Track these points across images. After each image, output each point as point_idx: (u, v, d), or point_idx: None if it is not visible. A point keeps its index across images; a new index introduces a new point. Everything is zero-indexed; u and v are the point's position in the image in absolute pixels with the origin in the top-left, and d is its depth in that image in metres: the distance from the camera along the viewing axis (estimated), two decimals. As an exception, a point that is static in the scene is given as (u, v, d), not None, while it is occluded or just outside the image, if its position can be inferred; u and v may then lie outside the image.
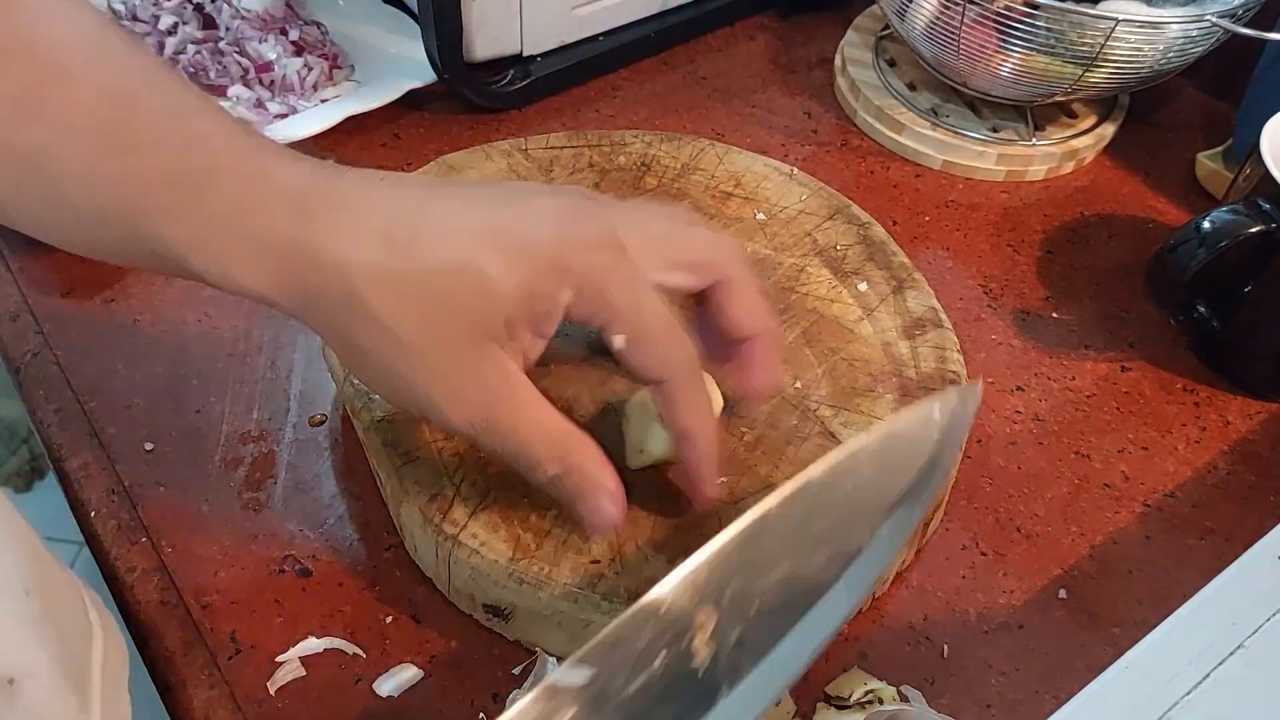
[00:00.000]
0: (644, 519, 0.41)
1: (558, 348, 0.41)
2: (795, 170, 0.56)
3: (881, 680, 0.41)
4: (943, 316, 0.50)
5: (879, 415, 0.45)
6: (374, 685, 0.40)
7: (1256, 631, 0.35)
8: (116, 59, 0.34)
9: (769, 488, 0.42)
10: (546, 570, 0.39)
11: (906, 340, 0.49)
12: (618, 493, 0.37)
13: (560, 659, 0.41)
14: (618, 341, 0.36)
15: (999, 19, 0.57)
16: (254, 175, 0.33)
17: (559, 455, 0.36)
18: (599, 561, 0.39)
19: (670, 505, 0.42)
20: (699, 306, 0.40)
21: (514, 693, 0.40)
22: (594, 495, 0.36)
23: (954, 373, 0.47)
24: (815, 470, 0.36)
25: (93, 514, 0.45)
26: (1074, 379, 0.54)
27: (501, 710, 0.40)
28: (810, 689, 0.41)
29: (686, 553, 0.40)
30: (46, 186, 0.33)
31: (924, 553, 0.46)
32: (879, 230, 0.53)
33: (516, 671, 0.41)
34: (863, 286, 0.51)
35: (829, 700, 0.41)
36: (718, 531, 0.41)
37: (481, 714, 0.40)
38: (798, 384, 0.46)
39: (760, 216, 0.53)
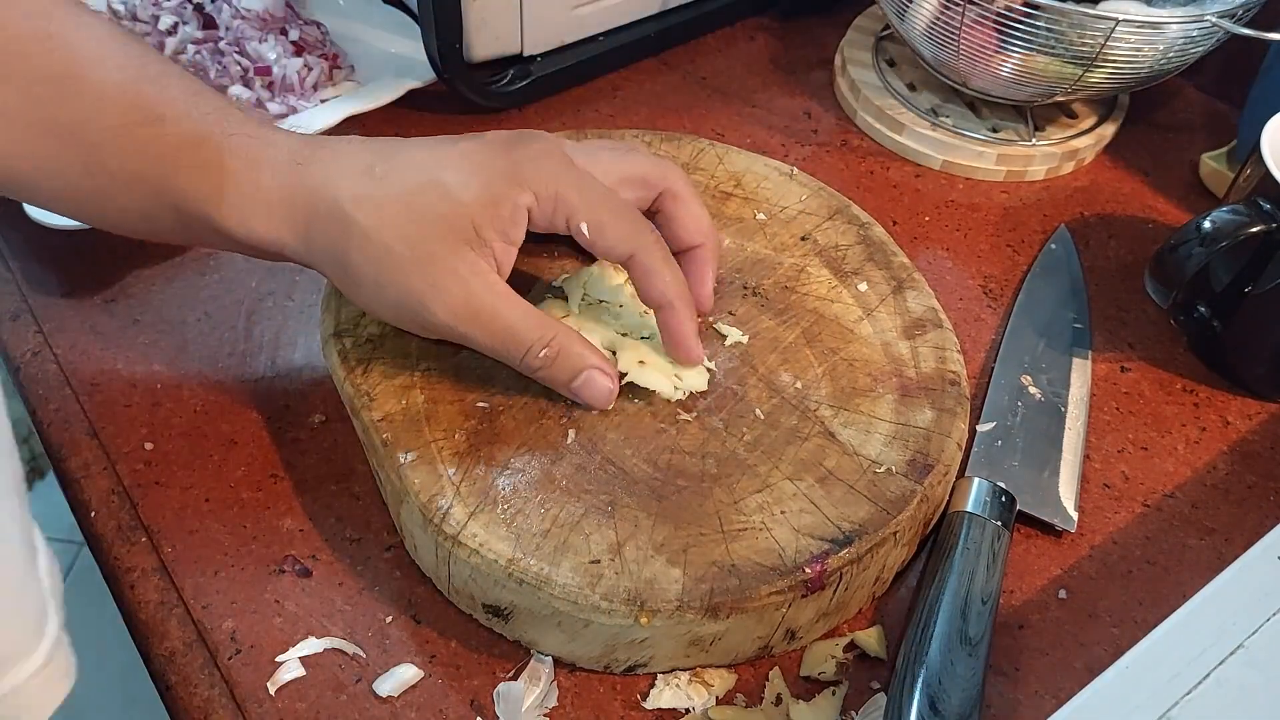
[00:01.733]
0: (644, 519, 0.41)
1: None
2: (795, 170, 0.56)
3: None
4: (942, 316, 0.50)
5: (879, 415, 0.45)
6: (374, 685, 0.40)
7: (1256, 631, 0.35)
8: (131, 47, 0.41)
9: (768, 488, 0.42)
10: (546, 570, 0.39)
11: (906, 340, 0.49)
12: (607, 364, 0.43)
13: (557, 659, 0.41)
14: (582, 229, 0.41)
15: (999, 19, 0.57)
16: (259, 138, 0.41)
17: (546, 338, 0.41)
18: (599, 561, 0.39)
19: (670, 505, 0.42)
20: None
21: (500, 685, 0.40)
22: (587, 370, 0.42)
23: (954, 373, 0.47)
24: None
25: (93, 514, 0.45)
26: (1074, 379, 0.54)
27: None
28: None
29: (686, 552, 0.40)
30: (86, 154, 0.39)
31: (923, 551, 0.46)
32: (879, 230, 0.53)
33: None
34: (863, 286, 0.51)
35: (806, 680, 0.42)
36: (717, 530, 0.41)
37: (479, 716, 0.40)
38: (798, 384, 0.46)
39: (760, 216, 0.53)
